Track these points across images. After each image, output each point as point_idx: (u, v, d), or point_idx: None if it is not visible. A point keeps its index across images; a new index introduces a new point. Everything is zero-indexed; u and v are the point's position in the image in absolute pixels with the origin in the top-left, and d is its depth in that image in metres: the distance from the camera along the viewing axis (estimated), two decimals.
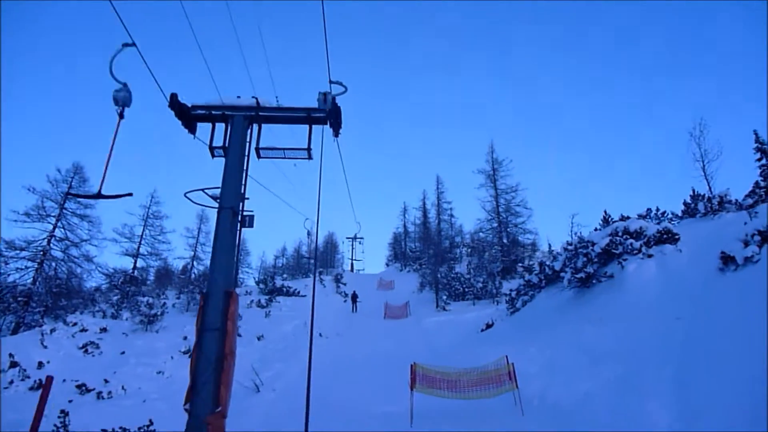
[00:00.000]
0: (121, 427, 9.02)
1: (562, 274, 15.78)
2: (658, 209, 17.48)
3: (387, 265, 69.52)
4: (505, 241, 39.30)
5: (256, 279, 44.55)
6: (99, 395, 16.27)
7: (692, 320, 9.69)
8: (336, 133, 7.22)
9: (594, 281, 13.99)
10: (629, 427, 7.75)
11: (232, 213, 6.15)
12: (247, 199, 6.57)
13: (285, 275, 47.89)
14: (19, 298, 25.71)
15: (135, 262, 38.01)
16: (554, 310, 15.48)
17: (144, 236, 39.16)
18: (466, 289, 32.15)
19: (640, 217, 14.96)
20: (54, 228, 29.66)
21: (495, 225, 40.47)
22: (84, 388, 16.58)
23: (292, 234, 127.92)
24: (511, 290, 21.10)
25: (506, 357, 10.87)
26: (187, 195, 6.50)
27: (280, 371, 17.67)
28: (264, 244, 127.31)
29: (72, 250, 30.15)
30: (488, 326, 20.41)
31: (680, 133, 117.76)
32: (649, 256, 13.24)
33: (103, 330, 23.08)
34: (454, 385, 10.69)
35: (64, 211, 30.42)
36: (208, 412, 5.39)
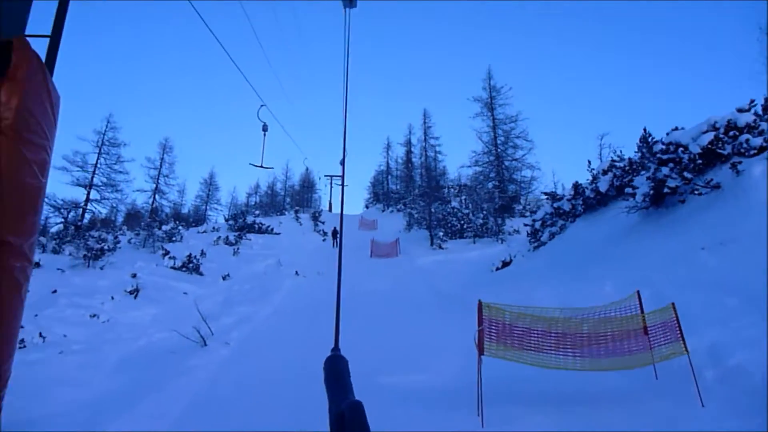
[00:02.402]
0: None
1: (627, 189, 11.86)
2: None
3: (366, 207, 65.66)
4: (505, 174, 35.37)
5: (226, 216, 40.34)
6: None
7: None
8: None
9: (694, 193, 9.98)
10: None
11: None
12: None
13: (258, 212, 43.67)
14: None
15: (88, 194, 33.38)
16: (615, 239, 11.72)
17: (98, 165, 34.28)
18: (465, 226, 28.35)
19: (741, 111, 11.01)
20: None
21: (492, 158, 36.39)
22: None
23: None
24: (534, 220, 17.26)
25: (638, 294, 6.18)
26: None
27: (244, 316, 13.76)
28: (235, 180, 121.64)
29: None
30: (505, 264, 16.69)
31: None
32: None
33: (36, 265, 18.72)
34: (560, 341, 5.69)
35: None
36: None
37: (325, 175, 58.79)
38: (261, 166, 12.12)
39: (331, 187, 59.38)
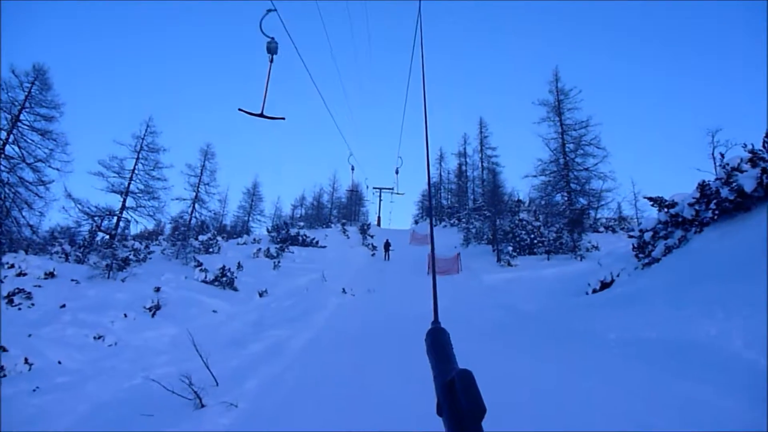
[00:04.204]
0: None
1: None
2: None
3: (416, 222, 62.39)
4: (574, 186, 31.49)
5: (269, 227, 37.86)
6: None
7: None
8: None
9: None
10: None
11: None
12: None
13: (302, 224, 41.11)
14: None
15: (124, 201, 31.27)
16: None
17: (136, 171, 32.22)
18: (535, 241, 24.73)
19: None
20: (5, 144, 22.82)
21: (560, 167, 32.55)
22: None
23: (312, 180, 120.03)
24: (642, 231, 13.70)
25: None
26: None
27: (276, 342, 10.78)
28: (279, 190, 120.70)
29: (26, 174, 23.24)
30: (605, 285, 13.22)
31: None
32: None
33: (50, 275, 16.41)
34: None
35: (20, 124, 23.57)
36: None
37: (374, 188, 55.53)
38: (261, 115, 7.67)
39: (380, 201, 56.42)
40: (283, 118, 7.89)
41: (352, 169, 25.06)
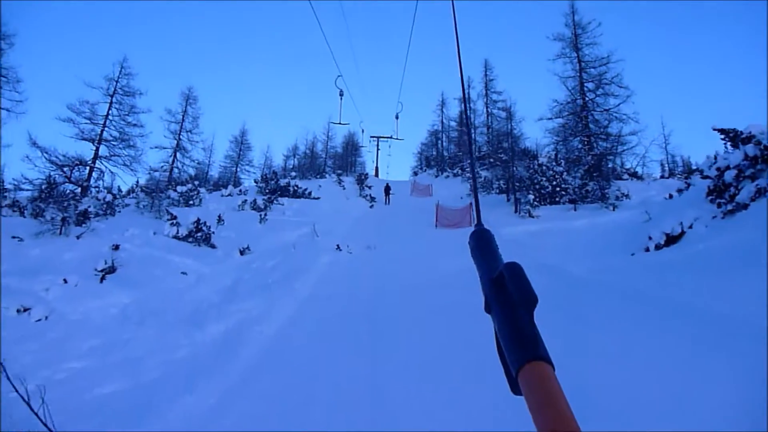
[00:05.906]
0: None
1: None
2: None
3: (415, 173, 59.39)
4: (593, 129, 28.41)
5: (257, 178, 35.04)
6: None
7: None
8: None
9: None
10: None
11: None
12: None
13: (294, 174, 38.19)
14: None
15: (97, 149, 28.27)
16: None
17: (109, 116, 29.11)
18: (558, 188, 21.81)
19: None
20: None
21: (578, 108, 29.40)
22: None
23: (305, 129, 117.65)
24: (720, 169, 10.78)
25: None
26: None
27: (238, 327, 7.95)
28: (270, 139, 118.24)
29: None
30: (672, 238, 10.40)
31: None
32: None
33: None
34: None
35: None
36: None
37: (372, 136, 52.33)
38: None
39: (378, 150, 53.22)
40: None
41: (341, 94, 21.89)
